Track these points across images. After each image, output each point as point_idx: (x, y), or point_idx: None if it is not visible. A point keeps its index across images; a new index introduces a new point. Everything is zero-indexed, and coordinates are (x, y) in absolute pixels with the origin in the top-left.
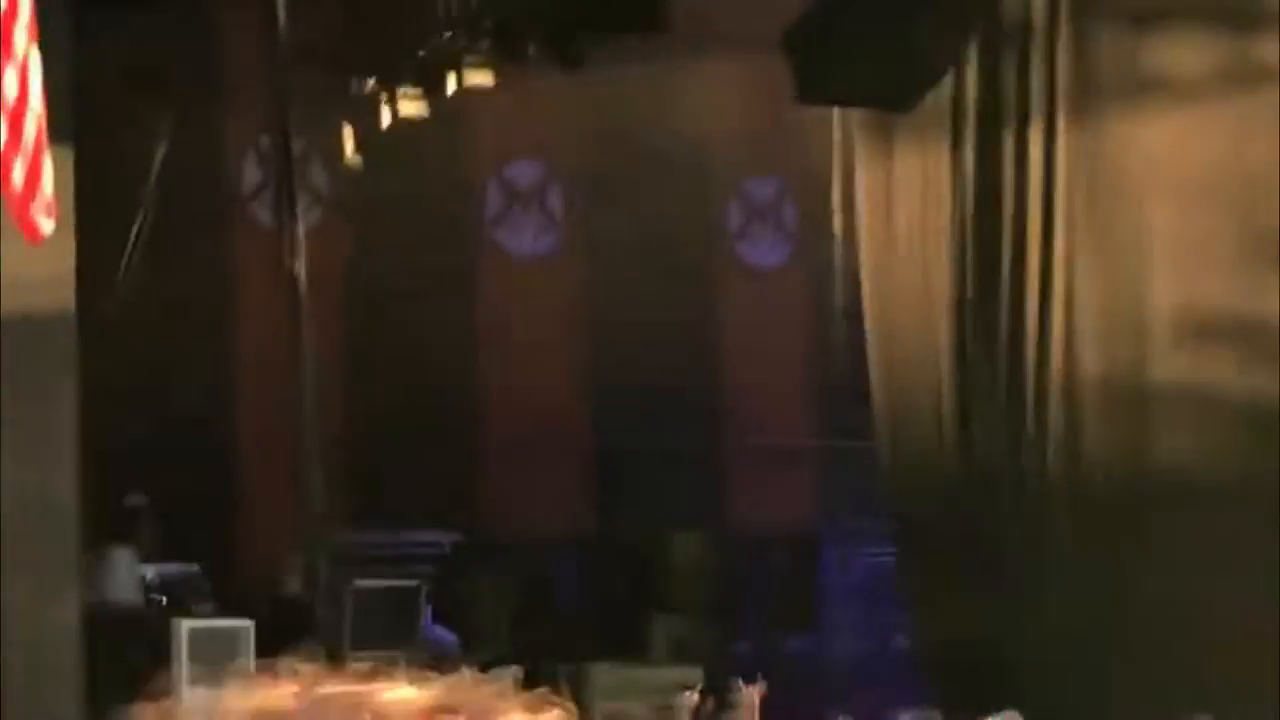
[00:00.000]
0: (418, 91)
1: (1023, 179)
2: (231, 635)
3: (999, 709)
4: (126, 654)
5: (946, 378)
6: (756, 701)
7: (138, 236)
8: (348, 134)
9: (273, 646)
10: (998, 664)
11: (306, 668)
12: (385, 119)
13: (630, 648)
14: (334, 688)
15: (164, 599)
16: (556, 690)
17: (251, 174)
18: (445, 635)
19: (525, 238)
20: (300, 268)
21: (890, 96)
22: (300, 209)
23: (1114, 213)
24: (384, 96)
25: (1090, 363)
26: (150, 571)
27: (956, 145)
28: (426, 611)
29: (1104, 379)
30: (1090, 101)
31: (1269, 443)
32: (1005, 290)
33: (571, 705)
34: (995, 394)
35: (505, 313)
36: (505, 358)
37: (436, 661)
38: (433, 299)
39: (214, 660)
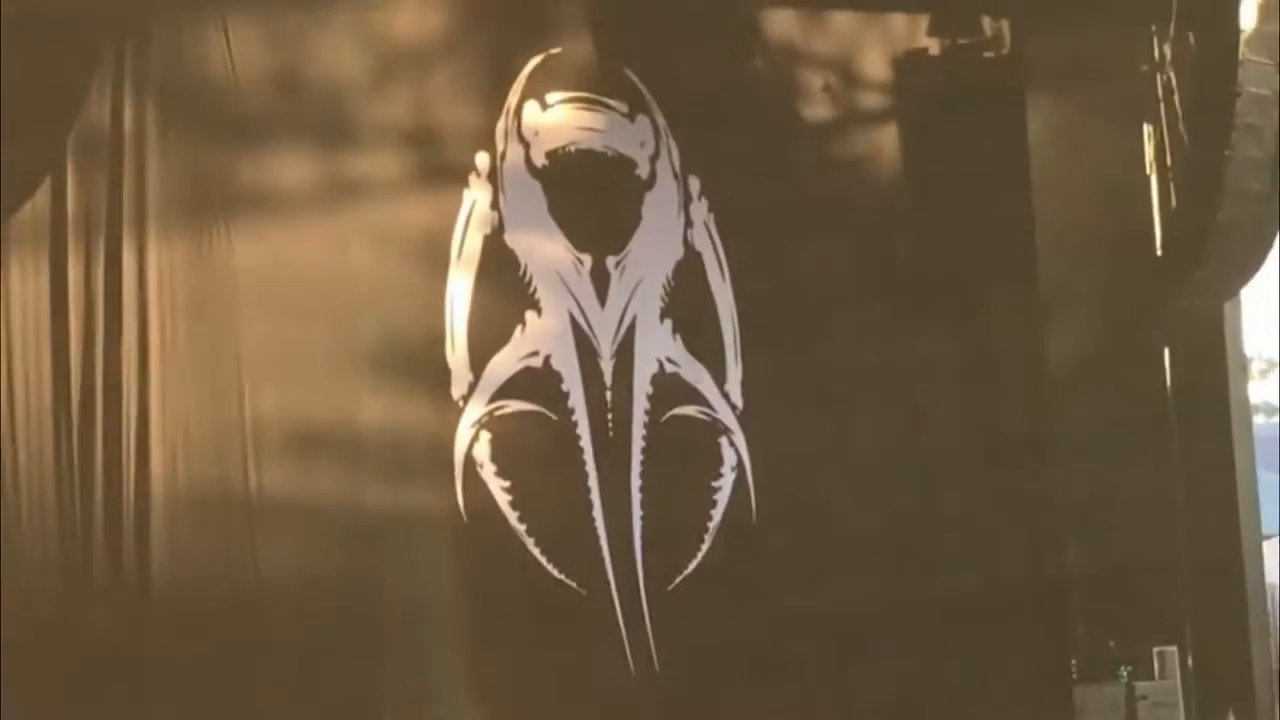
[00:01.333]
0: None
1: (119, 293)
2: None
3: None
4: None
5: (50, 500)
6: None
7: None
8: None
9: None
10: None
11: None
12: None
13: None
14: None
15: None
16: None
17: None
18: None
19: None
20: None
21: None
22: None
23: (212, 326)
24: None
25: (189, 476)
26: None
27: (57, 258)
28: None
29: (203, 493)
30: (187, 214)
31: (360, 543)
32: (109, 406)
33: None
34: (95, 517)
35: None
36: None
37: None
38: None
39: None
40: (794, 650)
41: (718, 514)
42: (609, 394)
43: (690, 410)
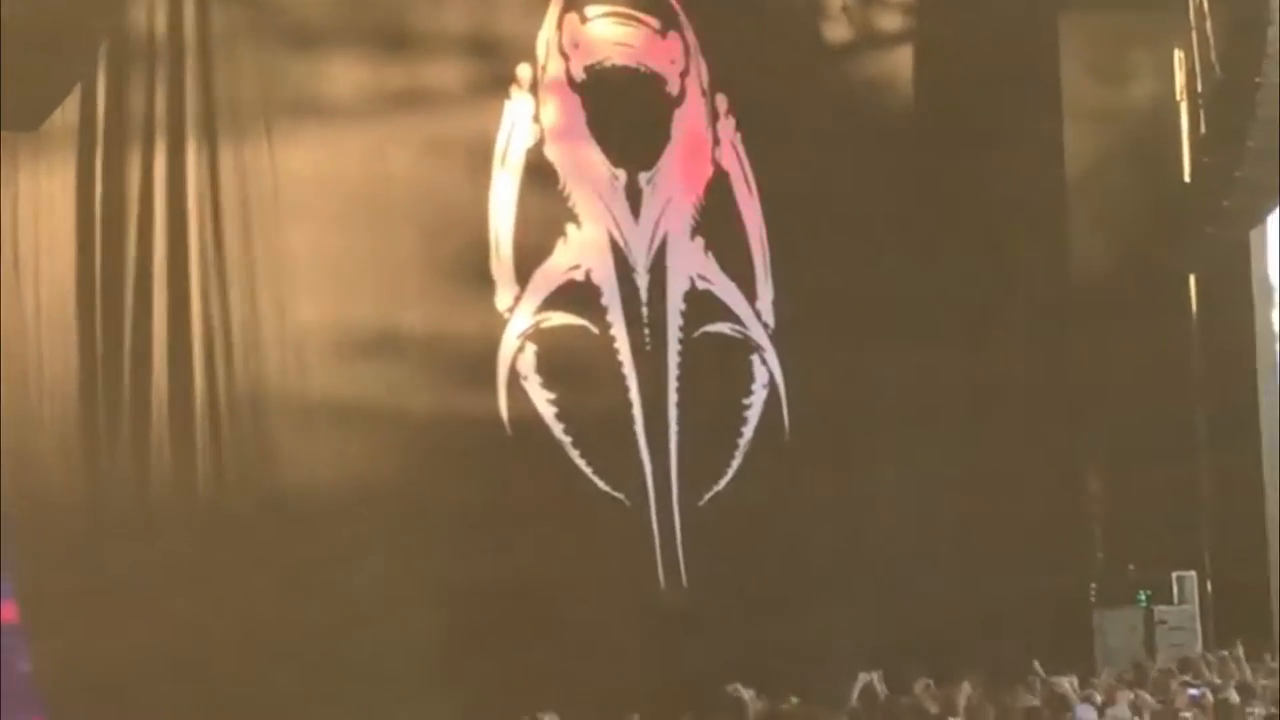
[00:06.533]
0: None
1: (153, 198)
2: None
3: None
4: None
5: (74, 404)
6: None
7: None
8: None
9: None
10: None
11: None
12: None
13: None
14: None
15: None
16: None
17: None
18: None
19: None
20: None
21: (10, 114)
22: None
23: (252, 233)
24: None
25: (233, 381)
26: None
27: (86, 164)
28: None
29: (248, 397)
30: (233, 121)
31: (402, 450)
32: (141, 313)
33: None
34: (130, 417)
35: None
36: None
37: None
38: None
39: None
40: (819, 571)
41: (748, 432)
42: (645, 309)
43: (722, 327)
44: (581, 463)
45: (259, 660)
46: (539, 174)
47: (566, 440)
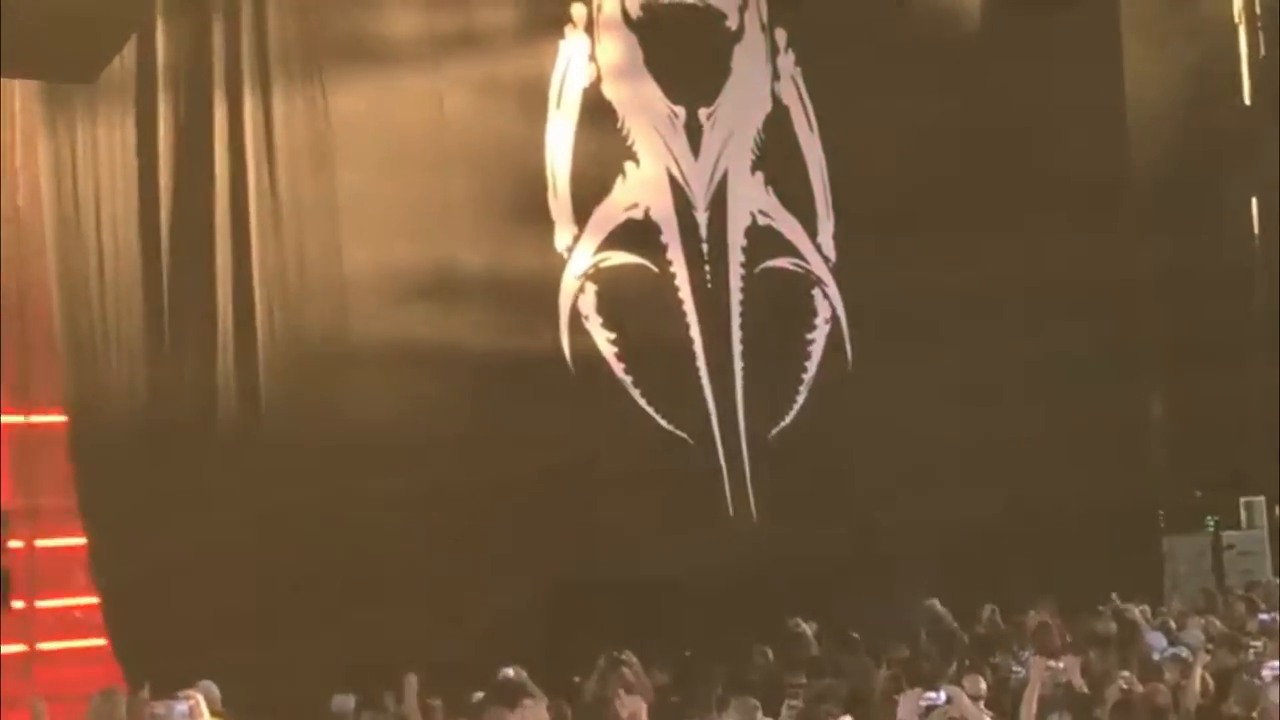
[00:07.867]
0: None
1: (212, 145)
2: None
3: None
4: None
5: (139, 347)
6: None
7: None
8: None
9: None
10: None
11: None
12: None
13: None
14: None
15: None
16: None
17: None
18: None
19: None
20: None
21: (69, 67)
22: None
23: (308, 178)
24: None
25: (294, 322)
26: None
27: (146, 113)
28: None
29: (311, 338)
30: (289, 65)
31: (462, 391)
32: (201, 256)
33: None
34: (193, 362)
35: None
36: None
37: None
38: None
39: None
40: (886, 501)
41: (812, 366)
42: (705, 246)
43: (784, 262)
44: (643, 402)
45: (316, 587)
46: (596, 112)
47: (628, 380)
